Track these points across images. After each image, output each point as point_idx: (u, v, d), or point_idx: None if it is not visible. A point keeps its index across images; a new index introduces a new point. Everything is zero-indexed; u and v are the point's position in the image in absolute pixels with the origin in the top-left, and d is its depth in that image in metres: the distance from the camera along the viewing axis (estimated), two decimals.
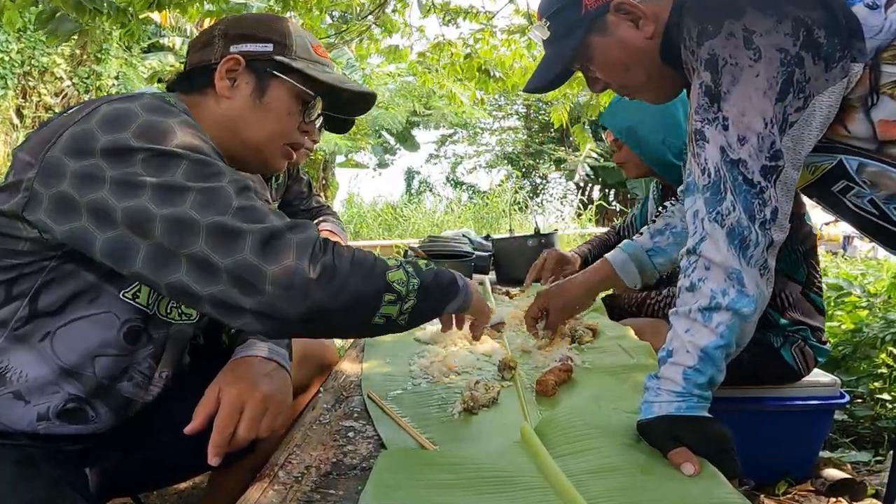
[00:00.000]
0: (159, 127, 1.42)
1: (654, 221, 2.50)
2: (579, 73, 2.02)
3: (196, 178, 1.37)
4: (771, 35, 1.53)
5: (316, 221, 3.73)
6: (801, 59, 1.52)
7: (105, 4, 4.37)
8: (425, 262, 1.61)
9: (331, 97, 1.86)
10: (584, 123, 8.12)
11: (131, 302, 1.57)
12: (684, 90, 1.89)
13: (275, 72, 1.73)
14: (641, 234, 2.49)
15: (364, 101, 1.95)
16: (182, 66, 1.85)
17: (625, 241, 2.52)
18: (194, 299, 1.35)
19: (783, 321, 2.83)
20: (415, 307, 1.49)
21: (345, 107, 1.94)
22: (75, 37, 4.93)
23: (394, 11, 7.80)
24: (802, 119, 1.56)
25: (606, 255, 2.49)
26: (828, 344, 2.95)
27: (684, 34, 1.66)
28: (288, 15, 6.79)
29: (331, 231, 3.52)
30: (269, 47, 1.74)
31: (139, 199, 1.34)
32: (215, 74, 1.71)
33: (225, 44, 1.73)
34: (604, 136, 3.49)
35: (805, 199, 2.63)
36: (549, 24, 1.92)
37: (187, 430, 1.49)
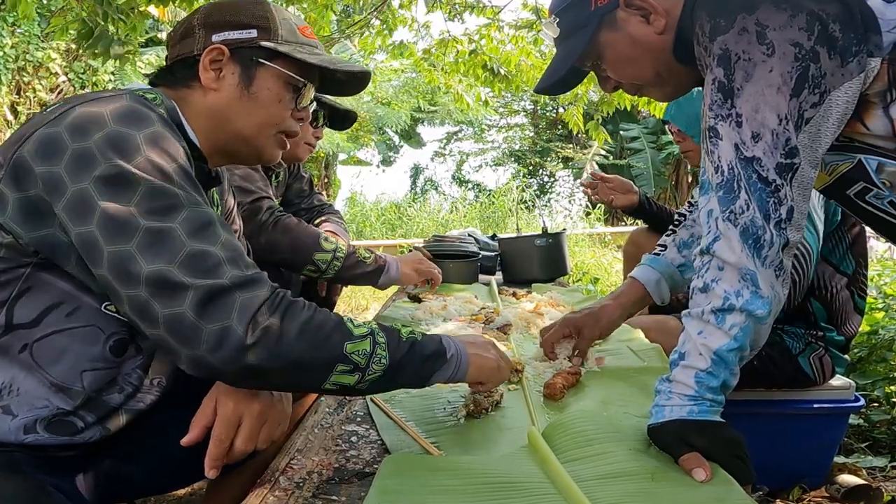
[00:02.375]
0: (125, 140, 1.41)
1: (673, 231, 2.47)
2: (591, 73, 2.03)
3: (148, 212, 1.36)
4: (785, 29, 1.52)
5: (318, 221, 3.72)
6: (816, 54, 1.51)
7: (116, 8, 4.46)
8: (408, 329, 1.61)
9: (324, 77, 1.85)
10: (598, 121, 8.08)
11: (115, 315, 1.55)
12: None
13: (261, 59, 1.71)
14: (666, 247, 2.46)
15: (357, 80, 1.93)
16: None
17: (648, 256, 2.48)
18: (143, 330, 1.39)
19: (821, 322, 2.83)
20: (381, 378, 1.50)
21: (339, 86, 1.93)
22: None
23: (400, 6, 7.80)
24: (819, 115, 1.54)
25: (635, 275, 2.43)
26: (848, 353, 2.95)
27: (696, 29, 1.66)
28: (292, 10, 6.80)
29: (332, 232, 3.51)
30: (253, 33, 1.71)
31: (90, 225, 1.35)
32: (199, 66, 1.68)
33: (206, 33, 1.70)
34: (667, 129, 3.51)
35: None
36: (557, 20, 1.92)
37: (184, 441, 1.48)
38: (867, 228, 2.60)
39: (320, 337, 1.41)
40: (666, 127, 3.56)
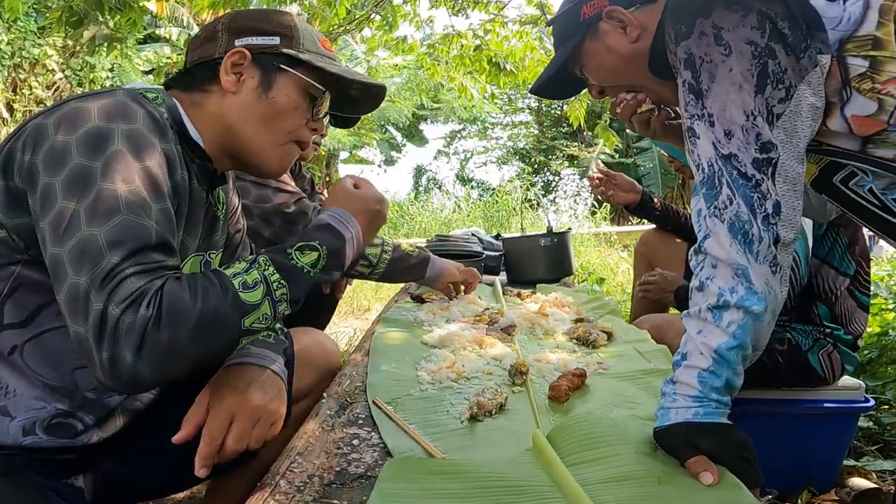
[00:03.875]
0: (100, 137, 1.41)
1: None
2: None
3: (92, 214, 1.34)
4: (738, 29, 1.59)
5: None
6: (773, 51, 1.57)
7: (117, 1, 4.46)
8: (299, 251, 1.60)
9: (338, 93, 1.87)
10: (605, 121, 8.07)
11: None
12: None
13: (282, 65, 1.73)
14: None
15: (371, 97, 1.96)
16: (179, 57, 1.85)
17: None
18: None
19: (826, 322, 2.84)
20: (291, 299, 1.53)
21: (353, 104, 1.95)
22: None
23: (404, 2, 7.80)
24: (790, 111, 1.59)
25: None
26: (857, 352, 2.95)
27: (666, 37, 1.74)
28: (295, 8, 6.81)
29: None
30: (276, 40, 1.74)
31: (44, 221, 1.37)
32: (220, 69, 1.70)
33: (229, 38, 1.73)
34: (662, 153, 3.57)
35: None
36: (551, 29, 2.08)
37: (175, 439, 1.48)
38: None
39: (215, 328, 1.38)
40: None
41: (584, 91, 2.20)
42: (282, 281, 1.49)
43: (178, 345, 1.32)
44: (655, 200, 4.08)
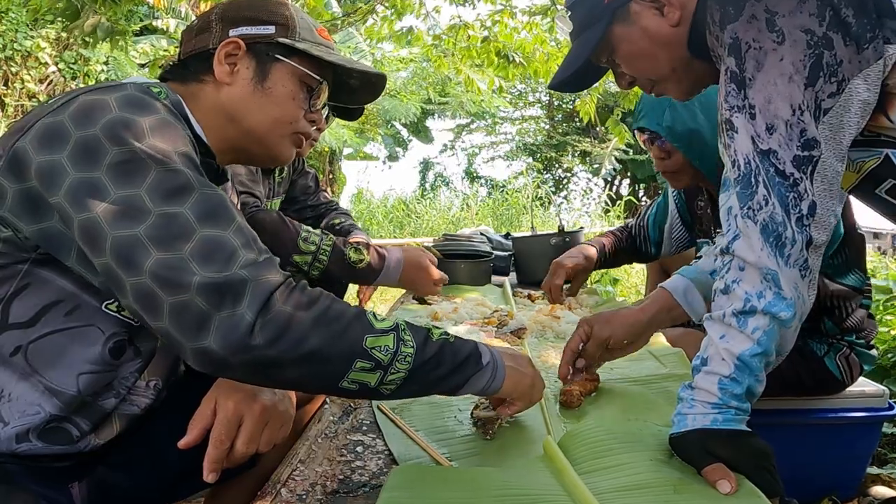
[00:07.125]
0: (130, 126, 1.40)
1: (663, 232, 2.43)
2: None
3: (158, 196, 1.35)
4: (795, 16, 1.53)
5: (334, 221, 3.73)
6: (830, 41, 1.51)
7: None
8: (441, 330, 1.55)
9: (337, 83, 1.88)
10: (617, 116, 8.03)
11: (116, 314, 1.55)
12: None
13: (277, 55, 1.75)
14: (699, 257, 2.43)
15: (371, 87, 1.97)
16: (176, 50, 1.86)
17: (682, 268, 2.43)
18: (147, 323, 1.35)
19: (835, 334, 2.83)
20: (406, 379, 1.44)
21: (352, 94, 1.96)
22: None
23: None
24: (838, 105, 1.54)
25: (663, 283, 2.34)
26: (874, 350, 2.94)
27: (708, 19, 1.69)
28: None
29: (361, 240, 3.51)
30: (271, 29, 1.76)
31: (91, 212, 1.34)
32: (214, 60, 1.72)
33: (223, 28, 1.75)
34: (638, 139, 3.13)
35: None
36: (571, 14, 1.95)
37: (181, 444, 1.49)
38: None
39: (337, 328, 1.36)
40: (640, 142, 3.13)
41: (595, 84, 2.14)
42: (407, 331, 1.46)
43: (301, 324, 1.32)
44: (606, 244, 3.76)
